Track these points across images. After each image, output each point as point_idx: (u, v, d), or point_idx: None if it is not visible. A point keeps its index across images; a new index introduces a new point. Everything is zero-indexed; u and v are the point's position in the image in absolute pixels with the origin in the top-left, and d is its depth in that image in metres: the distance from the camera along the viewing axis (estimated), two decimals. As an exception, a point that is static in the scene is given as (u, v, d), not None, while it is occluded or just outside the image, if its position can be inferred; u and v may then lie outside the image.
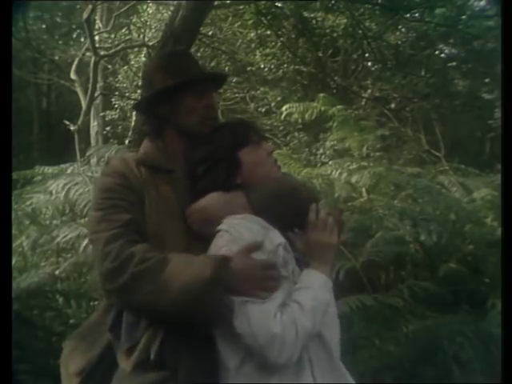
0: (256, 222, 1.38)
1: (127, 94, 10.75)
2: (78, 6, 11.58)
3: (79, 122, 8.54)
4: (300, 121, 6.74)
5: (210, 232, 1.40)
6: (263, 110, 10.21)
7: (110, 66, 11.43)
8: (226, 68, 9.94)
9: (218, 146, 1.50)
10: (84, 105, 8.85)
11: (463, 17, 9.41)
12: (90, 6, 7.94)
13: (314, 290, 1.35)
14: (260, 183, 1.46)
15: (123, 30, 10.27)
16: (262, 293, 1.30)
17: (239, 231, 1.35)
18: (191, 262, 1.33)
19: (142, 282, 1.31)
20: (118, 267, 1.33)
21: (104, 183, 1.54)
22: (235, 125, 1.61)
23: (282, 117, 6.48)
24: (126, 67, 10.63)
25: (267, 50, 9.71)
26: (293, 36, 9.59)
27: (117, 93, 11.05)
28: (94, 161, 5.33)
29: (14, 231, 3.83)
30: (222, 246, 1.36)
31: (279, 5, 8.77)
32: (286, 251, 1.37)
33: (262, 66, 9.85)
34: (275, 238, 1.36)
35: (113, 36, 10.34)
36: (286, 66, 9.87)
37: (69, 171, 4.74)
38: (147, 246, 1.37)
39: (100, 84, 10.38)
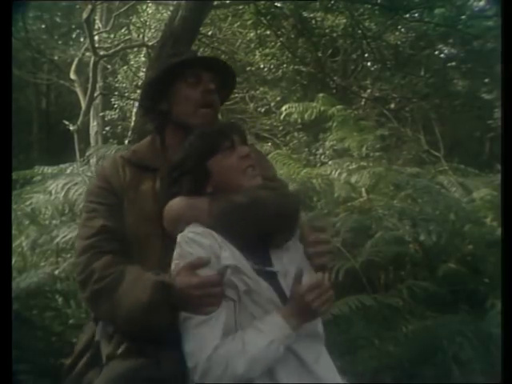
0: (212, 237, 1.33)
1: (127, 94, 10.74)
2: (77, 6, 11.59)
3: (79, 122, 8.53)
4: (299, 121, 6.74)
5: (176, 234, 1.39)
6: (263, 109, 10.21)
7: (109, 66, 11.42)
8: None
9: (186, 156, 1.46)
10: (83, 105, 8.84)
11: (463, 17, 9.43)
12: (90, 6, 7.94)
13: (267, 341, 1.26)
14: (230, 190, 1.40)
15: (123, 30, 10.27)
16: (202, 309, 1.27)
17: (190, 246, 1.32)
18: (136, 284, 1.36)
19: (99, 300, 1.39)
20: (82, 282, 1.43)
21: (89, 185, 1.68)
22: (206, 133, 1.50)
23: (282, 117, 6.48)
24: (125, 67, 10.62)
25: (267, 50, 9.71)
26: (292, 36, 9.60)
27: (116, 93, 11.05)
28: (93, 161, 5.32)
29: (13, 231, 3.83)
30: (173, 259, 1.35)
31: (279, 5, 8.78)
32: (238, 274, 1.30)
33: (262, 65, 9.85)
34: (226, 258, 1.31)
35: (112, 36, 10.34)
36: (285, 65, 9.87)
37: (68, 171, 4.74)
38: (109, 260, 1.42)
39: (99, 84, 10.38)
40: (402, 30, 10.01)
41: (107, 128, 11.05)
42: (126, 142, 4.94)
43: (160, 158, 1.58)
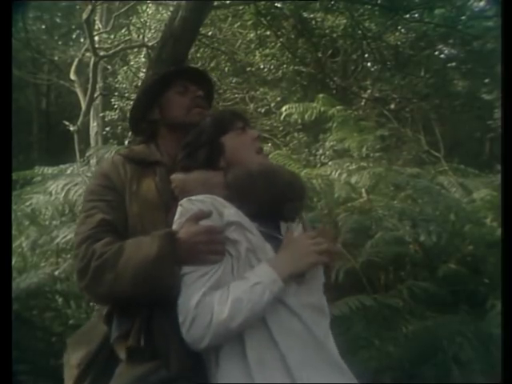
0: (215, 199, 1.36)
1: (127, 95, 10.73)
2: (77, 7, 11.60)
3: (79, 123, 8.53)
4: (299, 121, 6.75)
5: None
6: (263, 110, 10.19)
7: (109, 67, 11.42)
8: (226, 68, 9.95)
9: (200, 132, 1.51)
10: (83, 105, 8.83)
11: (463, 17, 9.42)
12: (90, 7, 7.93)
13: (250, 283, 1.26)
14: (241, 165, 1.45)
15: (123, 31, 10.26)
16: (208, 256, 1.30)
17: (192, 203, 1.35)
18: (140, 244, 1.37)
19: (102, 275, 1.37)
20: (83, 266, 1.40)
21: (88, 186, 1.67)
22: (220, 113, 1.63)
23: (282, 117, 6.48)
24: (125, 68, 10.61)
25: (267, 51, 9.71)
26: (292, 36, 9.60)
27: (116, 93, 11.04)
28: (93, 161, 5.32)
29: (13, 232, 3.83)
30: (175, 219, 1.37)
31: (279, 5, 8.78)
32: (241, 230, 1.32)
33: (262, 66, 9.85)
34: (229, 215, 1.33)
35: (112, 36, 10.33)
36: (285, 66, 9.86)
37: (68, 172, 4.75)
38: (108, 240, 1.42)
39: (99, 84, 10.37)
40: (402, 30, 10.01)
41: (107, 128, 11.04)
42: (126, 142, 4.94)
43: (157, 153, 1.63)
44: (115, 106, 10.84)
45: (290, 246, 1.35)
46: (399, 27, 9.72)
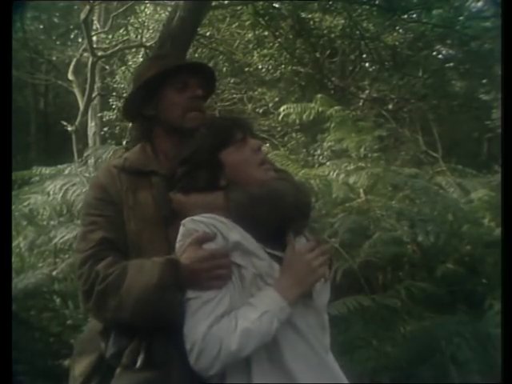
0: (219, 220, 1.30)
1: (125, 95, 10.69)
2: (75, 7, 11.60)
3: (77, 123, 8.52)
4: (298, 121, 6.73)
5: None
6: (261, 110, 10.19)
7: (107, 67, 11.40)
8: (224, 69, 9.94)
9: (197, 148, 1.42)
10: (81, 105, 8.82)
11: (461, 18, 9.43)
12: (88, 7, 7.92)
13: (259, 313, 1.23)
14: (245, 183, 1.37)
15: (121, 31, 10.25)
16: (212, 282, 1.27)
17: (195, 224, 1.30)
18: (142, 269, 1.34)
19: (106, 301, 1.35)
20: (88, 289, 1.38)
21: (86, 197, 1.60)
22: (216, 124, 1.49)
23: (280, 117, 6.48)
24: (123, 68, 10.60)
25: (265, 51, 9.71)
26: (290, 37, 9.60)
27: (114, 93, 11.03)
28: (91, 161, 5.31)
29: (11, 232, 3.83)
30: (177, 240, 1.33)
31: (277, 5, 8.79)
32: (247, 256, 1.28)
33: (260, 66, 9.85)
34: (235, 238, 1.28)
35: (110, 36, 10.32)
36: (283, 66, 9.86)
37: (66, 172, 4.74)
38: (111, 260, 1.40)
39: (98, 85, 10.35)
40: (400, 30, 10.01)
41: (105, 129, 11.02)
42: (124, 142, 4.94)
43: (152, 161, 1.56)
44: (113, 106, 10.82)
45: (292, 266, 1.30)
46: (397, 27, 9.72)
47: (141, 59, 9.85)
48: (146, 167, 1.54)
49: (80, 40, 12.69)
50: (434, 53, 11.41)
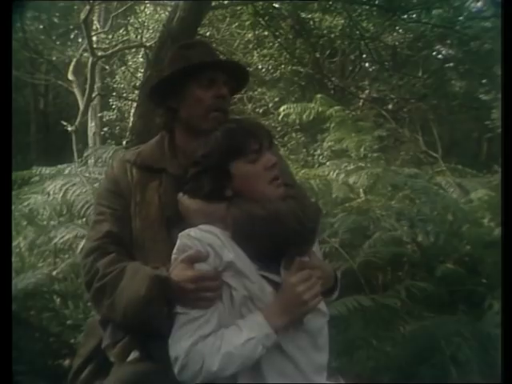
0: (215, 236, 1.29)
1: (125, 95, 10.75)
2: (75, 7, 11.57)
3: (77, 123, 8.53)
4: (297, 121, 6.75)
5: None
6: (261, 110, 10.20)
7: (107, 67, 11.41)
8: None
9: (209, 153, 1.36)
10: (81, 105, 8.84)
11: (460, 18, 9.45)
12: (88, 7, 7.94)
13: (244, 338, 1.22)
14: (251, 198, 1.33)
15: (121, 31, 10.28)
16: (197, 303, 1.27)
17: (190, 240, 1.28)
18: (135, 276, 1.37)
19: (101, 299, 1.40)
20: (88, 282, 1.44)
21: (99, 187, 1.66)
22: (233, 130, 1.38)
23: (280, 117, 6.51)
24: (123, 68, 10.62)
25: (265, 51, 9.72)
26: (290, 37, 9.62)
27: (114, 93, 11.06)
28: (91, 161, 5.31)
29: (11, 232, 3.83)
30: (173, 251, 1.32)
31: (277, 6, 8.80)
32: (239, 277, 1.27)
33: (260, 66, 9.86)
34: (228, 258, 1.26)
35: (110, 37, 10.34)
36: (283, 66, 9.88)
37: (66, 172, 4.74)
38: (113, 258, 1.43)
39: (97, 85, 10.37)
40: (400, 30, 10.03)
41: (105, 129, 11.04)
42: (124, 142, 4.93)
43: (166, 158, 1.55)
44: (113, 107, 10.85)
45: (283, 295, 1.28)
46: (397, 28, 9.74)
47: (141, 59, 9.87)
48: (157, 164, 1.54)
49: (80, 40, 12.67)
50: (434, 53, 11.45)
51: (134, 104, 7.55)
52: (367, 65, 11.31)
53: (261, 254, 1.31)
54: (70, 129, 8.43)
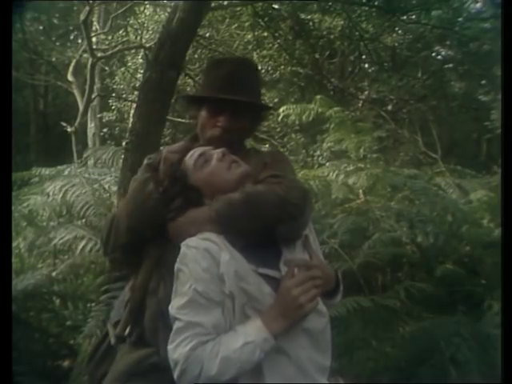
0: (210, 241, 1.30)
1: (124, 96, 10.75)
2: (75, 8, 11.59)
3: (76, 124, 8.54)
4: (297, 122, 6.76)
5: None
6: (260, 111, 10.19)
7: (107, 68, 11.41)
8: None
9: (172, 179, 1.44)
10: (81, 106, 8.85)
11: (459, 19, 9.46)
12: (88, 8, 7.95)
13: (241, 342, 1.23)
14: (224, 192, 1.38)
15: (120, 32, 10.28)
16: None
17: (188, 247, 1.30)
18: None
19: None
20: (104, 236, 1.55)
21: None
22: (174, 151, 1.52)
23: (279, 118, 6.50)
24: (123, 69, 10.62)
25: (264, 52, 9.73)
26: (290, 38, 9.62)
27: (114, 94, 11.06)
28: (91, 162, 5.32)
29: (10, 233, 3.83)
30: (176, 262, 1.33)
31: (276, 6, 8.80)
32: (238, 282, 1.26)
33: (259, 67, 9.85)
34: (225, 263, 1.27)
35: (110, 37, 10.34)
36: (283, 67, 9.88)
37: (66, 173, 4.75)
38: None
39: (97, 85, 10.38)
40: (399, 31, 10.04)
41: (105, 129, 11.05)
42: (124, 143, 4.94)
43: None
44: (113, 107, 10.85)
45: (280, 299, 1.27)
46: (396, 29, 9.75)
47: (140, 60, 9.88)
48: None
49: (80, 41, 12.68)
50: (433, 54, 11.46)
51: (134, 105, 7.56)
52: (367, 66, 11.31)
53: (252, 240, 1.33)
54: (69, 130, 8.44)
